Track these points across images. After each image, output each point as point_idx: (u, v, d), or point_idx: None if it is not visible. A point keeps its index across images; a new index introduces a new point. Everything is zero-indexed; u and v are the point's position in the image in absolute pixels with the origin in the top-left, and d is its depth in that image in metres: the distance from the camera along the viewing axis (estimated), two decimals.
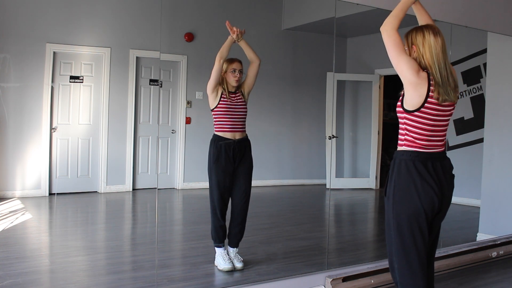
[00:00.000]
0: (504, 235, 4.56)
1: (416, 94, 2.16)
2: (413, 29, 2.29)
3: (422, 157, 2.18)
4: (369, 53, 6.90)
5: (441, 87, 2.16)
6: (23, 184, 5.09)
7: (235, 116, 3.52)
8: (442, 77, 2.17)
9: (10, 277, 3.17)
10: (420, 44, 2.22)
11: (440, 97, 2.16)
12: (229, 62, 3.53)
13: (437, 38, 2.21)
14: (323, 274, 3.46)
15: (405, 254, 2.22)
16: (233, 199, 3.61)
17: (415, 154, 2.19)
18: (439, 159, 2.23)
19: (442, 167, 2.23)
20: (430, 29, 2.24)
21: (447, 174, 2.25)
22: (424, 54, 2.21)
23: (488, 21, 4.41)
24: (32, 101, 5.14)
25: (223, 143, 3.47)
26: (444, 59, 2.20)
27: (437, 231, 2.37)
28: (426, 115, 2.18)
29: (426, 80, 2.17)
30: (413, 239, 2.20)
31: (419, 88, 2.16)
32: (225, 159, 3.47)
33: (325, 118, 6.27)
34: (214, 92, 3.49)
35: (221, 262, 3.51)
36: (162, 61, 5.27)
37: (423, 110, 2.17)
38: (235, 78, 3.51)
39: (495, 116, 4.76)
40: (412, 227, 2.19)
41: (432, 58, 2.19)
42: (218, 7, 5.80)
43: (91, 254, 3.96)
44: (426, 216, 2.19)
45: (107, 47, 5.50)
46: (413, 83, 2.16)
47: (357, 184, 6.95)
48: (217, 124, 3.52)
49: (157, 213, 3.81)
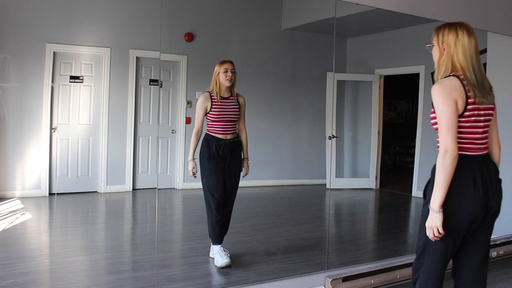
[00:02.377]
0: (504, 235, 4.56)
1: (459, 102, 2.06)
2: (446, 26, 2.15)
3: (468, 161, 2.09)
4: (369, 53, 6.90)
5: (476, 89, 2.07)
6: (23, 184, 5.09)
7: (227, 120, 3.59)
8: (478, 79, 2.08)
9: (10, 277, 3.16)
10: (452, 44, 2.10)
11: (477, 99, 2.07)
12: (221, 63, 3.57)
13: (471, 38, 2.10)
14: (323, 274, 3.46)
15: (434, 257, 2.15)
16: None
17: (461, 157, 2.06)
18: (484, 162, 2.14)
19: (488, 171, 2.13)
20: (465, 28, 2.11)
21: (494, 178, 2.15)
22: (456, 54, 2.10)
23: (488, 21, 4.41)
24: (32, 101, 5.14)
25: (214, 142, 3.55)
26: (478, 61, 2.11)
27: (489, 239, 2.26)
28: (469, 118, 2.08)
29: (460, 88, 2.06)
30: (445, 245, 2.11)
31: (459, 99, 2.05)
32: (216, 157, 3.55)
33: (325, 118, 6.27)
34: (202, 110, 3.57)
35: (219, 259, 3.56)
36: (162, 61, 5.27)
37: (466, 114, 2.07)
38: (227, 78, 3.55)
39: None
40: (448, 234, 2.08)
41: (465, 60, 2.08)
42: (218, 7, 5.80)
43: (91, 254, 3.96)
44: (466, 224, 2.09)
45: (107, 47, 5.50)
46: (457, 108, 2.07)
47: (357, 184, 6.95)
48: (209, 125, 3.61)
49: (157, 213, 3.81)
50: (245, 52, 5.88)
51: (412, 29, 5.89)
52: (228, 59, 3.61)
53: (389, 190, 7.31)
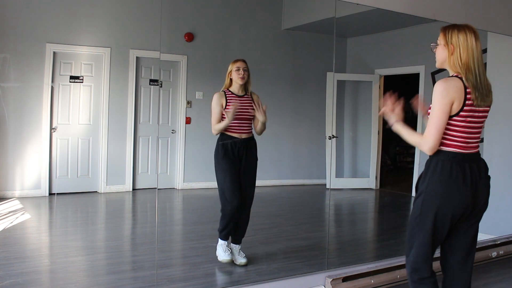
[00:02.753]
0: (504, 235, 4.56)
1: (455, 104, 2.14)
2: (454, 27, 2.21)
3: (459, 158, 2.18)
4: (369, 53, 6.90)
5: (478, 91, 2.14)
6: (23, 184, 5.09)
7: (242, 119, 3.56)
8: (482, 81, 2.15)
9: (10, 277, 3.16)
10: (461, 46, 2.16)
11: (477, 101, 2.14)
12: (234, 62, 3.59)
13: (477, 42, 2.17)
14: (323, 274, 3.46)
15: (423, 241, 2.25)
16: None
17: (453, 154, 2.18)
18: (475, 160, 2.23)
19: (478, 169, 2.22)
20: (472, 32, 2.18)
21: (483, 175, 2.25)
22: (464, 56, 2.16)
23: (488, 21, 4.41)
24: (32, 101, 5.14)
25: (229, 141, 3.52)
26: (482, 64, 2.18)
27: (475, 231, 2.33)
28: (465, 119, 2.16)
29: (461, 90, 2.13)
30: (433, 233, 2.22)
31: (456, 101, 2.14)
32: (232, 156, 3.52)
33: (325, 118, 6.26)
34: (219, 106, 3.53)
35: (221, 253, 3.57)
36: (162, 61, 5.27)
37: (462, 114, 2.15)
38: (240, 76, 3.55)
39: (495, 116, 4.76)
40: (436, 225, 2.20)
41: (473, 63, 2.15)
42: (218, 7, 5.80)
43: (91, 254, 3.96)
44: (452, 218, 2.20)
45: (107, 47, 5.50)
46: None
47: (357, 184, 6.95)
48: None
49: (157, 213, 3.81)
50: (245, 52, 5.88)
51: (412, 29, 5.89)
52: (240, 58, 3.61)
53: (389, 190, 7.31)
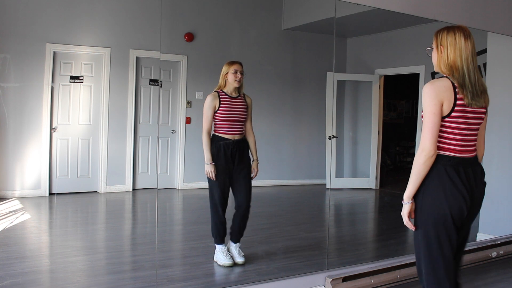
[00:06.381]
0: (504, 235, 4.56)
1: (445, 104, 2.12)
2: (444, 29, 2.22)
3: (454, 162, 2.14)
4: (369, 53, 6.90)
5: (467, 91, 2.11)
6: (23, 184, 5.09)
7: (235, 120, 3.60)
8: (472, 81, 2.12)
9: (10, 277, 3.17)
10: (449, 46, 2.17)
11: (467, 99, 2.11)
12: (230, 64, 3.60)
13: (467, 41, 2.16)
14: (323, 274, 3.46)
15: (431, 261, 2.17)
16: (237, 198, 3.66)
17: (447, 158, 2.14)
18: (471, 164, 2.19)
19: (473, 174, 2.18)
20: (461, 31, 2.17)
21: (479, 180, 2.20)
22: (451, 56, 2.16)
23: (488, 21, 4.40)
24: (32, 101, 5.14)
25: (222, 143, 3.55)
26: (473, 63, 2.16)
27: (467, 231, 2.31)
28: (458, 119, 2.13)
29: (449, 89, 2.11)
30: (439, 247, 2.14)
31: (446, 101, 2.11)
32: (224, 157, 3.55)
33: (325, 118, 6.26)
34: (211, 109, 3.56)
35: (222, 257, 3.58)
36: (162, 61, 5.27)
37: (454, 115, 2.12)
38: (236, 78, 3.58)
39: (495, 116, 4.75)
40: (439, 234, 2.14)
41: (461, 62, 2.14)
42: (218, 7, 5.80)
43: (91, 254, 3.96)
44: (454, 223, 2.13)
45: (107, 47, 5.50)
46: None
47: (357, 184, 6.95)
48: (216, 125, 3.61)
49: (157, 213, 3.81)
50: (245, 52, 5.88)
51: (412, 29, 5.89)
52: (237, 60, 3.63)
53: (389, 190, 7.31)
